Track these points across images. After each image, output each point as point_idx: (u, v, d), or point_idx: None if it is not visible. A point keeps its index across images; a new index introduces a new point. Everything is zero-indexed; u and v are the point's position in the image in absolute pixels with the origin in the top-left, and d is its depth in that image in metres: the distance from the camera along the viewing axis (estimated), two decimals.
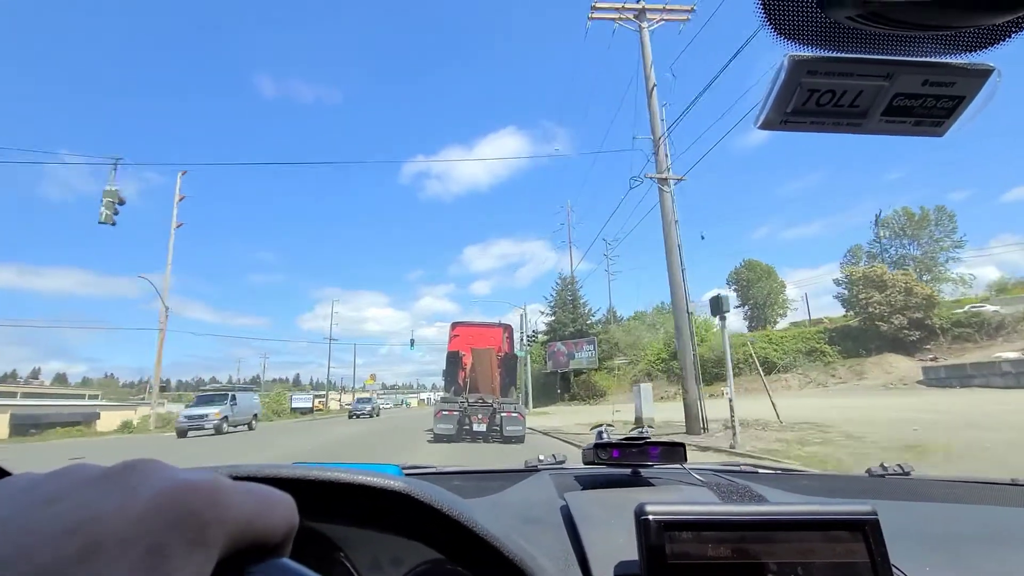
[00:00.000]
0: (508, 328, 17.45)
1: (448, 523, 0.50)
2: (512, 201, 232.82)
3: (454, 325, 16.92)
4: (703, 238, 20.61)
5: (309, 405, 42.25)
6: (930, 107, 0.48)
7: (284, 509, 0.27)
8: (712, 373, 37.87)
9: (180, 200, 29.78)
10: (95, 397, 54.05)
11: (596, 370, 40.35)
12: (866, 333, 31.34)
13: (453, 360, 15.71)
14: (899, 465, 1.33)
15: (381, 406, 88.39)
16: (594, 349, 39.37)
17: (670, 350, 40.24)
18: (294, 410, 40.53)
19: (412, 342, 38.23)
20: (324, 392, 63.18)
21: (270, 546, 0.26)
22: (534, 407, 32.69)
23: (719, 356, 38.44)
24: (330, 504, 0.53)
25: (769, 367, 33.73)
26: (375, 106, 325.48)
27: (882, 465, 1.34)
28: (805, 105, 0.47)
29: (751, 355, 36.83)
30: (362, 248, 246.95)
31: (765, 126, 0.50)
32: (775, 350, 34.36)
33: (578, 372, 41.03)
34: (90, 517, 0.21)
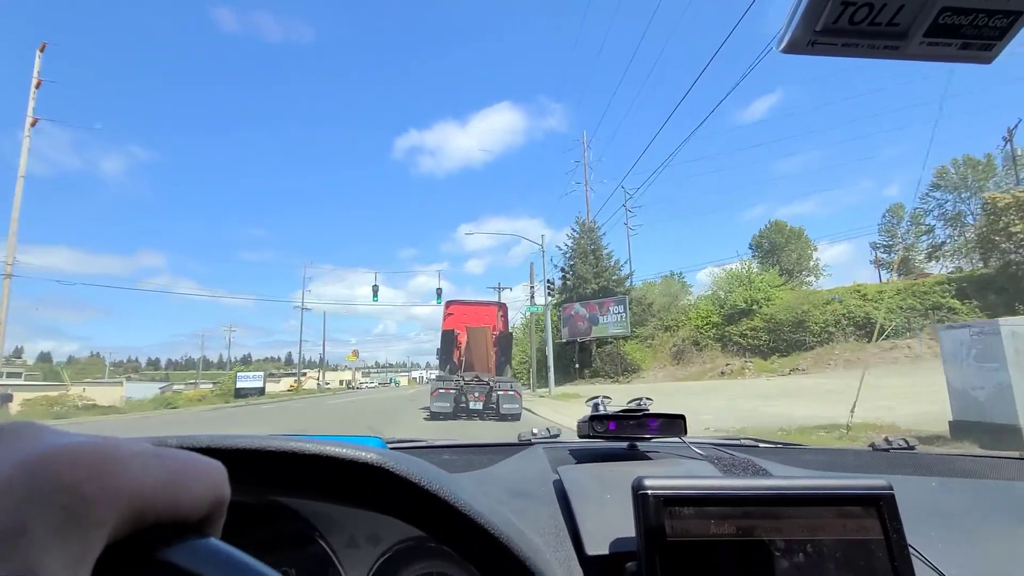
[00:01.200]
0: (503, 307, 17.56)
1: (429, 499, 0.46)
2: (506, 178, 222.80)
3: (449, 303, 16.95)
4: None
5: (259, 385, 33.26)
6: (981, 25, 0.39)
7: (209, 479, 0.22)
8: (789, 340, 29.27)
9: (38, 86, 20.48)
10: (16, 375, 45.21)
11: (627, 338, 31.55)
12: (1022, 283, 22.47)
13: (448, 338, 15.51)
14: (903, 439, 1.30)
15: (365, 385, 78.72)
16: (625, 311, 30.25)
17: (725, 311, 31.52)
18: (239, 392, 31.47)
19: (375, 290, 29.82)
20: (296, 370, 55.11)
21: (191, 522, 0.21)
22: (556, 387, 23.76)
23: (797, 318, 29.44)
24: (301, 478, 0.48)
25: (871, 330, 25.03)
26: (370, 87, 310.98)
27: (886, 439, 1.31)
28: (837, 23, 0.39)
29: (842, 315, 28.23)
30: (354, 227, 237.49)
31: (790, 48, 0.41)
32: (875, 308, 25.51)
33: (601, 342, 32.23)
34: None
